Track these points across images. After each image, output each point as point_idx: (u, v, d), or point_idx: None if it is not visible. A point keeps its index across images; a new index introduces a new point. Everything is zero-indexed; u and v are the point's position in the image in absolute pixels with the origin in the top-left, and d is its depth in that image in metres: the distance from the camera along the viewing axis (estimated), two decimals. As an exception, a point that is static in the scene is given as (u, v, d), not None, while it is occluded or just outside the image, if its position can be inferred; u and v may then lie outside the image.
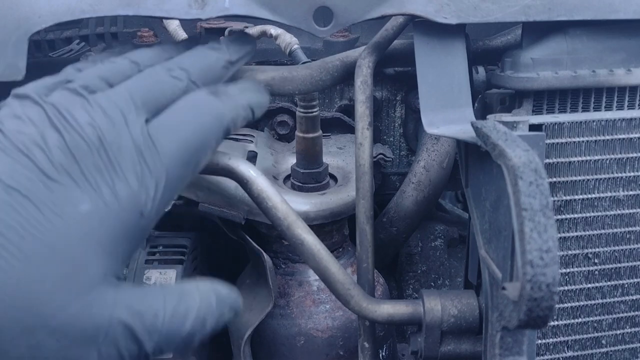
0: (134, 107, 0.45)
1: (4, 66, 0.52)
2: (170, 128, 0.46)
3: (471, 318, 0.61)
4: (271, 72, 0.61)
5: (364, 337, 0.65)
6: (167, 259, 0.80)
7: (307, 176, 0.81)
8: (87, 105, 0.44)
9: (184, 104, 0.48)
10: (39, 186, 0.40)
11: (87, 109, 0.43)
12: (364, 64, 0.61)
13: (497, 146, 0.45)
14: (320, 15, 0.56)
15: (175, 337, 0.42)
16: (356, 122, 0.62)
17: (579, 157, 0.55)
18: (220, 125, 0.50)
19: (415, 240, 1.02)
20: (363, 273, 0.63)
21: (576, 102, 0.59)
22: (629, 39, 0.58)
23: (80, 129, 0.42)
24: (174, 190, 0.46)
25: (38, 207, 0.39)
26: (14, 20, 0.53)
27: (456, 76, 0.58)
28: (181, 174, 0.46)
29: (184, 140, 0.46)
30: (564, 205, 0.56)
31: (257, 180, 0.57)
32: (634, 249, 0.58)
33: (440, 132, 0.57)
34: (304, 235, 0.58)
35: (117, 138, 0.43)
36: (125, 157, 0.43)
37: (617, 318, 0.59)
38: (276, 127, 0.97)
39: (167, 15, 0.54)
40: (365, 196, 0.62)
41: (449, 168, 0.91)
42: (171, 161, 0.45)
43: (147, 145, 0.44)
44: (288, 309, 0.79)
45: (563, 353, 0.59)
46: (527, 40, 0.59)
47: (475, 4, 0.55)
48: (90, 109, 0.44)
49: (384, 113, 1.01)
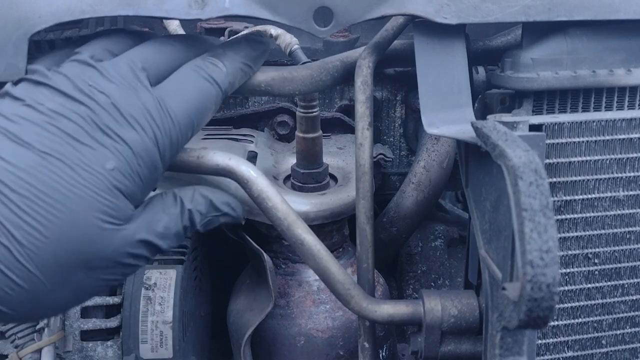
0: (139, 73, 0.51)
1: (4, 66, 0.52)
2: (174, 92, 0.52)
3: (471, 318, 0.61)
4: (271, 72, 0.61)
5: (364, 337, 0.65)
6: (167, 259, 0.80)
7: (307, 176, 0.81)
8: (96, 73, 0.49)
9: (185, 71, 0.54)
10: (69, 149, 0.46)
11: (97, 77, 0.49)
12: (364, 64, 0.61)
13: (497, 146, 0.45)
14: (320, 15, 0.56)
15: (180, 235, 0.53)
16: (356, 122, 0.62)
17: (579, 157, 0.55)
18: (218, 89, 0.55)
19: (415, 240, 1.02)
20: (363, 273, 0.63)
21: (576, 102, 0.59)
22: (629, 39, 0.58)
23: (95, 96, 0.47)
24: (179, 148, 0.53)
25: (71, 167, 0.46)
26: (14, 20, 0.53)
27: (456, 76, 0.58)
28: (185, 134, 0.52)
29: (186, 102, 0.52)
30: (564, 206, 0.56)
31: (258, 181, 0.57)
32: (634, 249, 0.58)
33: (440, 132, 0.56)
34: (304, 235, 0.58)
35: (129, 102, 0.48)
36: (139, 119, 0.48)
37: (617, 318, 0.59)
38: (276, 127, 0.97)
39: (167, 15, 0.54)
40: (365, 196, 0.62)
41: (449, 168, 0.91)
42: (177, 121, 0.51)
43: (156, 108, 0.50)
44: (288, 309, 0.79)
45: (563, 353, 0.59)
46: (527, 41, 0.59)
47: (475, 4, 0.55)
48: (99, 77, 0.49)
49: (384, 113, 1.01)
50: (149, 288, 0.76)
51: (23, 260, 0.44)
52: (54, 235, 0.44)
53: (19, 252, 0.44)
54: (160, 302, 0.75)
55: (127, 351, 0.74)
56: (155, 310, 0.75)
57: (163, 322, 0.75)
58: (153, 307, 0.75)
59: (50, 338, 0.71)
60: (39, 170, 0.45)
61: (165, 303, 0.75)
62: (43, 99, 0.47)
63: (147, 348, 0.75)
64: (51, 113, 0.46)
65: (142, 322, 0.75)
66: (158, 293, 0.76)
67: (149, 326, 0.75)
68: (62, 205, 0.45)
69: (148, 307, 0.75)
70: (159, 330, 0.75)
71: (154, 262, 0.79)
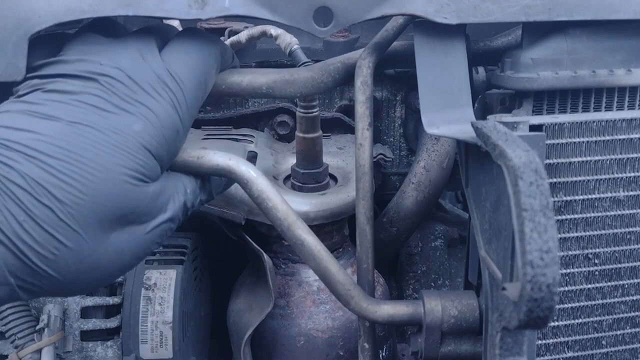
0: (145, 42, 0.53)
1: (4, 66, 0.52)
2: (179, 56, 0.54)
3: (471, 318, 0.60)
4: (273, 74, 0.61)
5: (364, 338, 0.65)
6: (167, 259, 0.80)
7: (307, 176, 0.81)
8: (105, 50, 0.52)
9: (183, 36, 0.56)
10: (96, 117, 0.48)
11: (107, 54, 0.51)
12: (364, 64, 0.61)
13: (497, 146, 0.45)
14: (320, 15, 0.56)
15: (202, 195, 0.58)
16: (356, 122, 0.62)
17: (579, 158, 0.55)
18: (216, 47, 0.58)
19: (415, 241, 1.02)
20: (363, 273, 0.63)
21: (576, 103, 0.59)
22: (629, 39, 0.58)
23: (108, 72, 0.50)
24: (195, 110, 0.55)
25: (101, 131, 0.48)
26: (14, 20, 0.53)
27: (456, 76, 0.58)
28: (197, 95, 0.55)
29: (191, 64, 0.54)
30: (564, 206, 0.56)
31: (258, 181, 0.57)
32: (634, 250, 0.58)
33: (440, 132, 0.56)
34: (304, 235, 0.58)
35: (141, 72, 0.51)
36: (155, 86, 0.51)
37: (618, 319, 0.59)
38: (276, 128, 0.97)
39: (167, 15, 0.54)
40: (365, 196, 0.62)
41: (449, 168, 0.91)
42: (187, 84, 0.53)
43: (166, 74, 0.52)
44: (288, 309, 0.79)
45: (563, 353, 0.59)
46: (527, 41, 0.59)
47: (475, 4, 0.55)
48: (109, 53, 0.52)
49: (384, 113, 1.01)
50: (149, 288, 0.76)
51: (65, 217, 0.46)
52: (91, 191, 0.47)
53: (60, 211, 0.45)
54: (160, 302, 0.75)
55: (127, 351, 0.74)
56: (155, 310, 0.75)
57: (163, 322, 0.75)
58: (153, 307, 0.75)
59: (50, 338, 0.71)
60: (70, 137, 0.47)
61: (165, 303, 0.75)
62: (61, 85, 0.50)
63: (147, 348, 0.75)
64: (72, 94, 0.49)
65: (142, 322, 0.75)
66: (158, 293, 0.76)
67: (148, 326, 0.75)
68: (96, 164, 0.47)
69: (148, 307, 0.75)
70: (159, 331, 0.75)
71: (154, 262, 0.79)
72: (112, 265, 0.50)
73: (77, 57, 0.51)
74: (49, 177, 0.45)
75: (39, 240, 0.45)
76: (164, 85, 0.51)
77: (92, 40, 0.54)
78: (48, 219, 0.45)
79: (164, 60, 0.53)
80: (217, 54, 0.58)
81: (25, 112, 0.48)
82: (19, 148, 0.46)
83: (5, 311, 0.72)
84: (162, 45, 0.56)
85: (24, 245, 0.45)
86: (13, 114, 0.48)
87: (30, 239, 0.45)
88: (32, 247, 0.45)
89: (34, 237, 0.45)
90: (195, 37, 0.56)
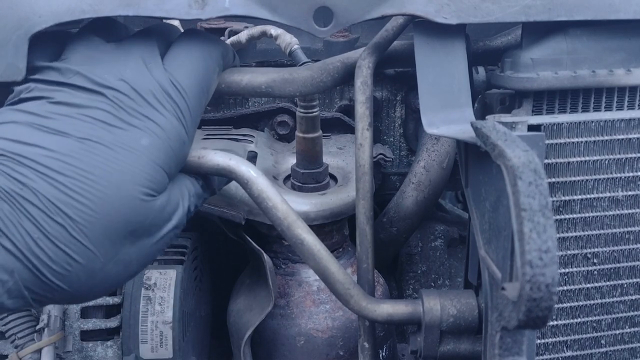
0: (147, 48, 0.54)
1: (4, 66, 0.52)
2: (182, 64, 0.54)
3: (470, 318, 0.61)
4: (272, 74, 0.61)
5: (364, 337, 0.65)
6: (167, 259, 0.80)
7: (307, 176, 0.81)
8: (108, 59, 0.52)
9: (185, 40, 0.56)
10: (104, 133, 0.49)
11: (110, 65, 0.52)
12: (364, 64, 0.61)
13: (496, 146, 0.45)
14: (320, 15, 0.56)
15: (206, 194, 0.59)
16: (356, 122, 0.62)
17: (578, 158, 0.55)
18: (218, 50, 0.58)
19: (415, 240, 1.02)
20: (363, 273, 0.63)
21: (576, 103, 0.59)
22: (629, 39, 0.58)
23: (114, 84, 0.50)
24: (199, 116, 0.55)
25: (110, 147, 0.49)
26: (14, 20, 0.53)
27: (456, 76, 0.58)
28: (200, 102, 0.55)
29: (194, 71, 0.54)
30: (563, 206, 0.56)
31: (258, 181, 0.58)
32: (633, 249, 0.58)
33: (440, 132, 0.57)
34: (304, 235, 0.58)
35: (145, 84, 0.51)
36: (159, 98, 0.51)
37: (616, 318, 0.59)
38: (276, 127, 0.98)
39: (167, 15, 0.54)
40: (365, 196, 0.62)
41: (449, 168, 0.91)
42: (190, 93, 0.53)
43: (169, 85, 0.52)
44: (288, 309, 0.79)
45: (562, 353, 0.59)
46: (527, 41, 0.59)
47: (475, 4, 0.55)
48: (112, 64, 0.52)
49: (384, 113, 1.01)
50: (148, 288, 0.76)
51: (77, 235, 0.47)
52: (102, 209, 0.47)
53: (72, 229, 0.47)
54: (160, 302, 0.75)
55: (127, 351, 0.74)
56: (155, 310, 0.75)
57: (163, 322, 0.75)
58: (153, 307, 0.75)
59: (50, 338, 0.71)
60: (80, 154, 0.48)
61: (165, 303, 0.76)
62: (67, 97, 0.50)
63: (147, 348, 0.75)
64: (79, 107, 0.50)
65: (142, 322, 0.75)
66: (158, 293, 0.76)
67: (148, 326, 0.75)
68: (106, 181, 0.48)
69: (148, 307, 0.75)
70: (159, 331, 0.75)
71: (154, 262, 0.79)
72: (121, 276, 0.51)
73: (82, 64, 0.52)
74: (61, 195, 0.46)
75: (52, 257, 0.46)
76: (167, 97, 0.52)
77: (95, 44, 0.54)
78: (61, 237, 0.46)
79: (167, 68, 0.53)
80: (219, 57, 0.58)
81: (33, 126, 0.48)
82: (30, 164, 0.47)
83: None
84: (164, 47, 0.56)
85: (39, 261, 0.46)
86: (22, 127, 0.48)
87: (44, 255, 0.46)
88: (46, 264, 0.46)
89: (47, 254, 0.46)
90: (197, 41, 0.56)
